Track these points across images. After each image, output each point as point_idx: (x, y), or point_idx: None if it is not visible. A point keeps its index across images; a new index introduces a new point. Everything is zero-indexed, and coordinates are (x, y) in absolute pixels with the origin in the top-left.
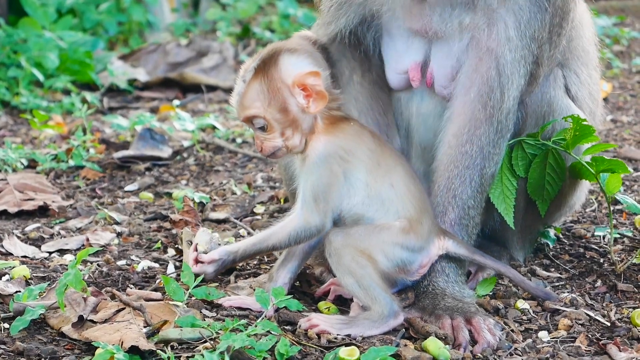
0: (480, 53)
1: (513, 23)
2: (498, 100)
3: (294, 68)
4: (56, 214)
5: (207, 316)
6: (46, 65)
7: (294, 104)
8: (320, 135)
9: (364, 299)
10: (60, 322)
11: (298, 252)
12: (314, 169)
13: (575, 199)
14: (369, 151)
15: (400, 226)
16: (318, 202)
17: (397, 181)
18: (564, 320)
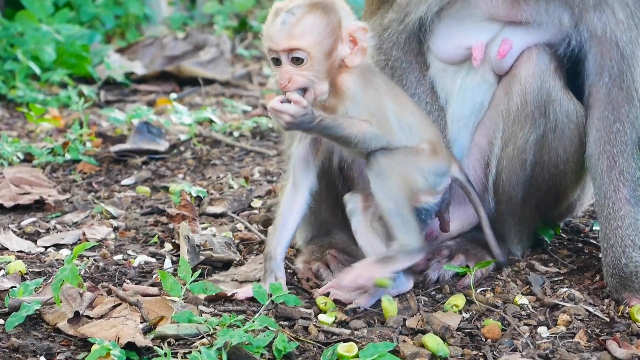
0: (598, 40)
1: (621, 6)
2: (631, 80)
3: (350, 18)
4: (52, 208)
5: (204, 312)
6: (43, 58)
7: (340, 50)
8: (346, 72)
9: (400, 226)
10: (56, 318)
11: (289, 225)
12: (356, 96)
13: (576, 198)
14: (385, 84)
15: (429, 149)
16: (380, 120)
17: (415, 109)
18: (563, 315)
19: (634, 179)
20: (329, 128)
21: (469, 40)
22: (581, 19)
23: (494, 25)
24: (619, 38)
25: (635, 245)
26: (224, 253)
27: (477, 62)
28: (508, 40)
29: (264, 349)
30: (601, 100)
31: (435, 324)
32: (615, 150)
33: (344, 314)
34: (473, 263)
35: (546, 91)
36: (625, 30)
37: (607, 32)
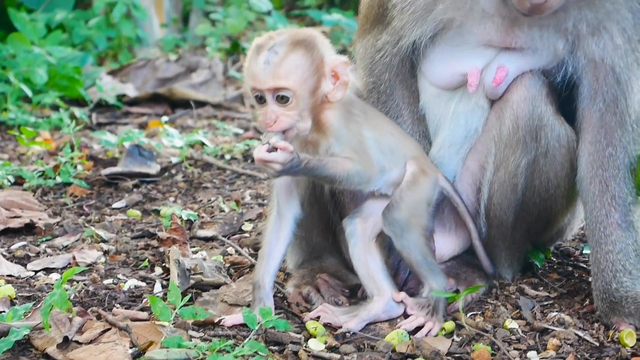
0: (594, 65)
1: (618, 31)
2: (625, 106)
3: (331, 53)
4: (42, 231)
5: (194, 336)
6: (35, 80)
7: (324, 86)
8: (328, 108)
9: (428, 272)
10: (45, 343)
11: (276, 254)
12: (338, 132)
13: (567, 221)
14: (363, 112)
15: (418, 170)
16: (362, 156)
17: (392, 129)
18: (552, 340)
19: (626, 204)
20: (315, 169)
21: (464, 67)
22: (578, 45)
23: (489, 52)
24: (616, 63)
25: (626, 270)
26: (215, 277)
27: (473, 89)
28: (504, 68)
29: None
30: (594, 124)
31: (425, 349)
32: (607, 174)
33: (334, 339)
34: (463, 287)
35: (538, 116)
36: (622, 55)
37: (604, 58)
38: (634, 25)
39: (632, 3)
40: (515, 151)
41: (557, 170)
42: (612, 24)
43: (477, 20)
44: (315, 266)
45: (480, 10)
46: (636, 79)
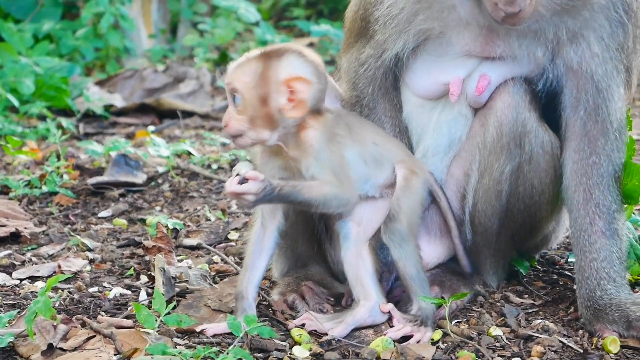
0: (574, 74)
1: (596, 39)
2: (606, 114)
3: (292, 68)
4: (28, 240)
5: (178, 344)
6: (22, 90)
7: (275, 100)
8: (312, 123)
9: (419, 289)
10: (30, 350)
11: (259, 265)
12: (318, 153)
13: (551, 230)
14: (346, 129)
15: (408, 172)
16: (342, 179)
17: (376, 137)
18: (537, 347)
19: (610, 212)
20: (289, 195)
21: (446, 77)
22: (557, 52)
23: (471, 61)
24: (594, 71)
25: (610, 278)
26: (200, 285)
27: (455, 98)
28: (486, 76)
29: None
30: (577, 133)
31: (409, 356)
32: (591, 182)
33: (319, 346)
34: (448, 294)
35: (521, 123)
36: (600, 63)
37: (582, 66)
38: (611, 33)
39: (609, 12)
40: (499, 158)
41: (542, 176)
42: (590, 32)
43: (456, 29)
44: (301, 274)
45: (458, 19)
46: (616, 87)
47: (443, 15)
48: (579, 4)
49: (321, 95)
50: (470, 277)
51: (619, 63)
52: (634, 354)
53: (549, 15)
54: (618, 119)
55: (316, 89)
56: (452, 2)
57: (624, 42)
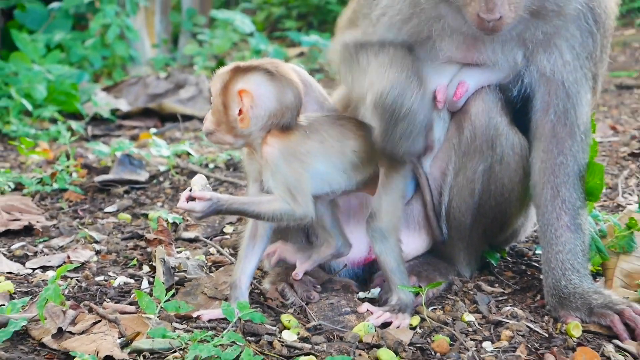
0: (546, 81)
1: (567, 48)
2: (574, 117)
3: (246, 83)
4: (40, 233)
5: (177, 328)
6: (35, 96)
7: (232, 109)
8: (271, 140)
9: (399, 280)
10: (41, 334)
11: (252, 257)
12: (275, 168)
13: (520, 224)
14: (318, 145)
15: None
16: (295, 195)
17: (355, 144)
18: (506, 331)
19: (575, 208)
20: (239, 211)
21: (432, 84)
22: (532, 59)
23: (452, 68)
24: (565, 78)
25: (574, 269)
26: (197, 274)
27: (441, 105)
28: (464, 83)
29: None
30: (546, 134)
31: (389, 339)
32: (558, 181)
33: (306, 331)
34: (424, 284)
35: (494, 126)
36: (571, 71)
37: (555, 73)
38: (581, 43)
39: (580, 22)
40: (472, 158)
41: (511, 176)
42: (562, 41)
43: (445, 38)
44: (290, 265)
45: (447, 28)
46: (585, 93)
47: (431, 23)
48: (553, 14)
49: (279, 114)
50: (443, 244)
51: (588, 71)
52: (594, 337)
53: (526, 21)
54: (584, 122)
55: (265, 108)
56: (439, 12)
57: (592, 51)
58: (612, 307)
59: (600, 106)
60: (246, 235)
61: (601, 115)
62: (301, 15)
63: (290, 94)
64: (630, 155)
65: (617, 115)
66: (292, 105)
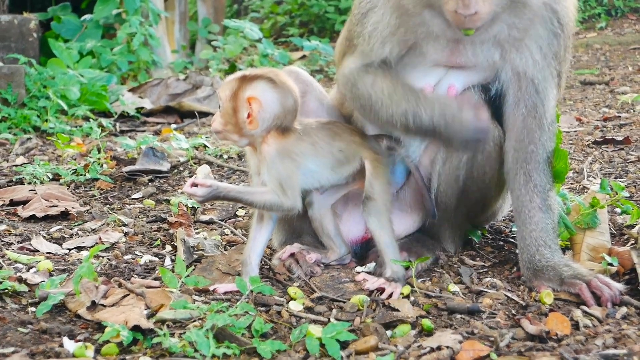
0: (518, 78)
1: (536, 48)
2: (543, 111)
3: (254, 90)
4: (75, 217)
5: (196, 300)
6: (69, 97)
7: (240, 113)
8: (270, 140)
9: (392, 254)
10: (77, 306)
11: (261, 238)
12: (271, 164)
13: (498, 207)
14: (310, 147)
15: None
16: (286, 189)
17: (342, 144)
18: (486, 300)
19: (545, 191)
20: (235, 198)
21: (420, 83)
22: (508, 58)
23: (439, 70)
24: (534, 76)
25: (546, 245)
26: (214, 253)
27: None
28: (453, 87)
29: (244, 329)
30: (518, 126)
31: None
32: (530, 167)
33: (310, 301)
34: (414, 258)
35: None
36: (540, 69)
37: (526, 71)
38: (549, 43)
39: (547, 24)
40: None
41: (492, 164)
42: (532, 42)
43: (430, 42)
44: (295, 243)
45: (432, 33)
46: (551, 89)
47: (417, 29)
48: (521, 5)
49: (282, 117)
50: (433, 219)
51: (554, 69)
52: (564, 304)
53: (501, 19)
54: (551, 114)
55: (271, 111)
56: (424, 19)
57: (558, 51)
58: (580, 277)
59: (567, 100)
60: (254, 219)
61: (568, 108)
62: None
63: (290, 99)
64: (594, 144)
65: (581, 108)
66: (292, 108)
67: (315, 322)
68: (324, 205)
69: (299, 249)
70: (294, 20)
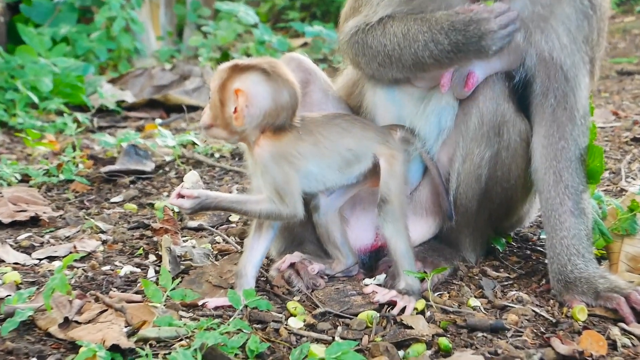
0: (545, 64)
1: (563, 30)
2: (574, 101)
3: (243, 82)
4: (46, 224)
5: (183, 316)
6: (41, 88)
7: (228, 106)
8: (263, 141)
9: (407, 265)
10: (48, 323)
11: (259, 247)
12: (265, 169)
13: (525, 211)
14: (311, 147)
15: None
16: (283, 196)
17: (351, 142)
18: (511, 316)
19: (577, 192)
20: (227, 208)
21: (435, 72)
22: (532, 40)
23: None
24: (563, 62)
25: (580, 254)
26: (203, 263)
27: (445, 89)
28: (474, 74)
29: (237, 349)
30: (547, 119)
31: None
32: (560, 165)
33: (312, 318)
34: (430, 269)
35: (501, 113)
36: (568, 54)
37: (553, 56)
38: (577, 26)
39: (575, 2)
40: (479, 145)
41: (518, 162)
42: (558, 23)
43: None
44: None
45: (444, 3)
46: (582, 76)
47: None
48: None
49: (274, 114)
50: (450, 222)
51: (585, 55)
52: (600, 321)
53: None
54: (583, 106)
55: (261, 107)
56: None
57: (589, 34)
58: (618, 290)
59: (602, 92)
60: (253, 226)
61: (603, 101)
62: (304, 6)
63: (285, 94)
64: (632, 140)
65: (618, 101)
66: (288, 105)
67: (317, 341)
68: (331, 209)
69: (300, 259)
70: (294, 3)
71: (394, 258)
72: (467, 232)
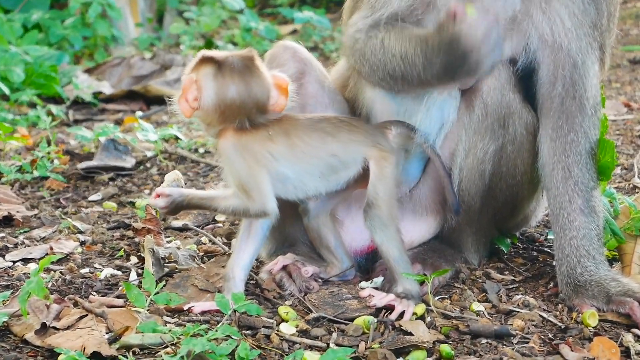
0: (550, 49)
1: (567, 14)
2: (583, 90)
3: (198, 74)
4: (20, 223)
5: (168, 322)
6: (12, 79)
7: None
8: (226, 134)
9: (403, 268)
10: (24, 330)
11: (248, 249)
12: (228, 161)
13: (532, 209)
14: (286, 149)
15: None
16: (248, 191)
17: (335, 146)
18: (517, 321)
19: (588, 189)
20: (198, 206)
21: None
22: (532, 16)
23: None
24: (569, 47)
25: (590, 255)
26: (188, 265)
27: None
28: None
29: (226, 357)
30: (555, 109)
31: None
32: (570, 160)
33: (305, 323)
34: (430, 271)
35: (506, 104)
36: (574, 39)
37: (557, 40)
38: (583, 10)
39: None
40: (483, 138)
41: (524, 157)
42: (561, 5)
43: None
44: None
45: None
46: (591, 63)
47: None
48: None
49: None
50: (456, 215)
51: (593, 40)
52: (612, 326)
53: None
54: (594, 95)
55: (210, 101)
56: None
57: (597, 19)
58: (631, 294)
59: (613, 82)
60: (242, 226)
61: (614, 92)
62: None
63: (233, 91)
64: None
65: (631, 92)
66: (237, 103)
67: (311, 347)
68: (322, 212)
69: (293, 260)
70: None
71: (388, 264)
72: (469, 231)
